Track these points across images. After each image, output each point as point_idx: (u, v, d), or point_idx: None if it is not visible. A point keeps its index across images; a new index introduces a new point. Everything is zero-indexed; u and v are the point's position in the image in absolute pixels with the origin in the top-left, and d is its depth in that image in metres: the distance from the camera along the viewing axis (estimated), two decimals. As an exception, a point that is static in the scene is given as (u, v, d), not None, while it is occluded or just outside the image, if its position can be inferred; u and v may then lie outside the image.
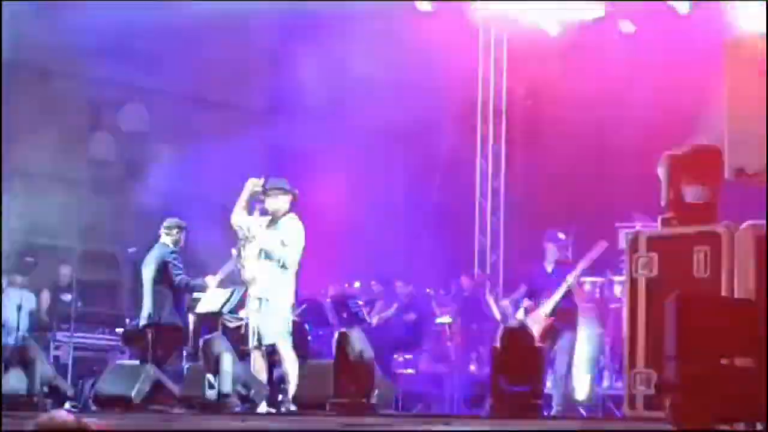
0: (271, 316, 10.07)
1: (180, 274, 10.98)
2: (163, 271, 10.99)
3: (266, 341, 10.11)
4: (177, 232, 11.16)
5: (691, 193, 7.57)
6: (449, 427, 8.07)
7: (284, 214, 10.28)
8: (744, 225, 7.23)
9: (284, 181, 10.37)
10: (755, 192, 7.28)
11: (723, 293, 7.14)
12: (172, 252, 11.06)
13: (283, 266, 10.11)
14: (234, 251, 10.37)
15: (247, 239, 10.17)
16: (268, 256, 10.11)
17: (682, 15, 12.75)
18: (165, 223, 11.22)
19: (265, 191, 10.27)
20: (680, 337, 6.60)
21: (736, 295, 7.07)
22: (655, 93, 12.86)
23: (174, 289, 11.03)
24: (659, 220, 7.86)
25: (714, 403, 6.30)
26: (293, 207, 10.34)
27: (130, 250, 12.29)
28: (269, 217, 10.23)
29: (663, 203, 7.74)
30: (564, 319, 10.88)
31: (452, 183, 14.55)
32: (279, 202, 10.26)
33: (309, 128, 13.63)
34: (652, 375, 7.56)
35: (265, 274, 10.12)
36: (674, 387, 6.60)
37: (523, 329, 8.87)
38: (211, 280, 10.99)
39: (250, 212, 10.31)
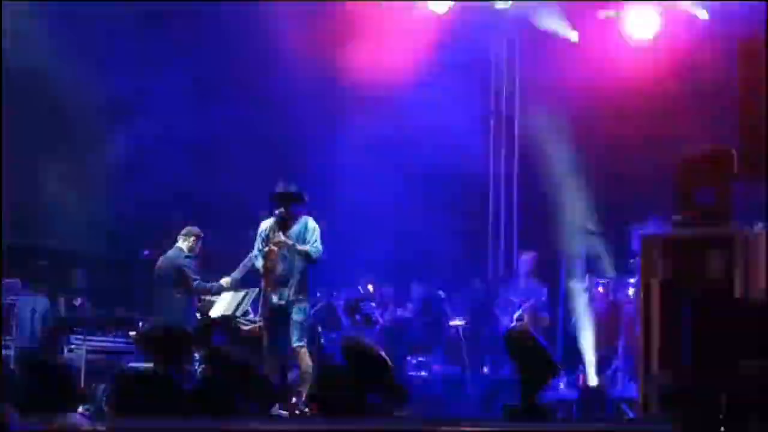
0: (292, 320, 10.12)
1: (196, 280, 11.04)
2: (177, 276, 11.03)
3: (284, 344, 10.14)
4: (193, 240, 11.22)
5: (704, 195, 7.55)
6: (461, 428, 8.06)
7: (297, 218, 10.34)
8: (758, 226, 7.21)
9: (295, 187, 10.43)
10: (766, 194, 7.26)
11: (737, 295, 7.12)
12: (187, 257, 11.10)
13: (308, 262, 10.19)
14: (252, 253, 10.46)
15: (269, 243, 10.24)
16: (291, 255, 10.14)
17: (699, 18, 12.74)
18: (183, 231, 11.32)
19: (276, 197, 10.32)
20: (694, 339, 6.59)
21: (750, 297, 7.05)
22: (669, 95, 12.83)
23: (188, 295, 11.05)
24: (672, 221, 7.84)
25: (728, 405, 6.28)
26: (304, 210, 10.43)
27: (144, 253, 12.30)
28: (279, 220, 10.31)
29: (676, 204, 7.73)
30: None
31: (466, 185, 14.55)
32: (292, 207, 10.33)
33: (323, 131, 13.66)
34: (667, 377, 7.54)
35: (286, 276, 10.22)
36: (689, 389, 6.60)
37: (522, 329, 8.82)
38: (226, 282, 11.02)
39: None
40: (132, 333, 12.76)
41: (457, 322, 13.29)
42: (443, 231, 13.85)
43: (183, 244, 11.26)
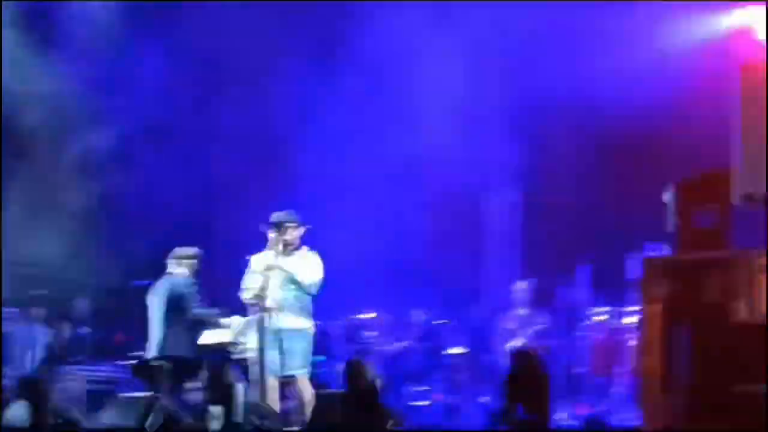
0: (295, 347, 10.10)
1: (196, 306, 10.83)
2: (178, 305, 10.83)
3: (287, 371, 10.13)
4: (186, 262, 11.02)
5: (704, 218, 7.53)
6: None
7: (299, 247, 10.31)
8: (755, 250, 7.18)
9: (295, 214, 10.41)
10: (765, 217, 7.23)
11: (737, 318, 7.08)
12: (191, 283, 10.86)
13: (308, 292, 10.19)
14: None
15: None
16: (293, 282, 10.11)
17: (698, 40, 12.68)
18: (175, 253, 11.08)
19: (276, 226, 10.28)
20: (693, 363, 6.55)
21: (750, 321, 7.01)
22: (667, 119, 12.81)
23: (189, 321, 10.89)
24: (670, 247, 7.82)
25: (729, 429, 6.24)
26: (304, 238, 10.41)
27: (141, 282, 12.23)
28: (283, 247, 10.25)
29: (671, 229, 7.70)
30: None
31: (463, 213, 14.51)
32: (293, 235, 10.31)
33: (319, 154, 13.65)
34: (667, 402, 7.49)
35: (289, 303, 10.16)
36: (689, 414, 6.55)
37: (531, 353, 8.78)
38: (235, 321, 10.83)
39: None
40: (130, 362, 12.70)
41: (456, 350, 13.23)
42: (441, 259, 13.83)
43: (179, 269, 11.04)
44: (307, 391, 10.12)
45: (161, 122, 13.21)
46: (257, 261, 10.34)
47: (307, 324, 10.25)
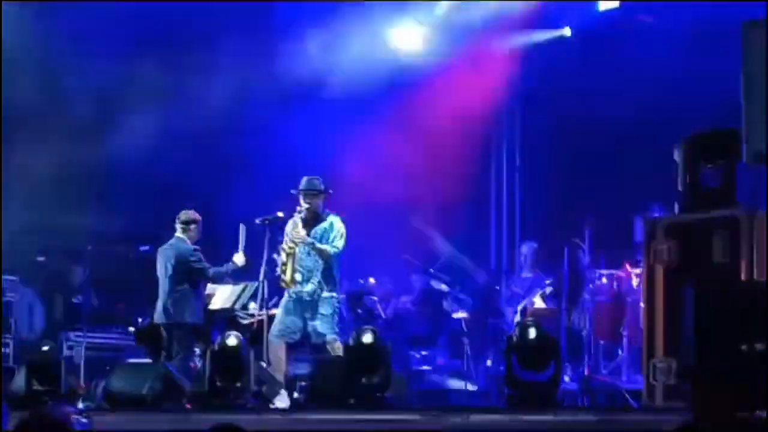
0: (322, 315, 10.21)
1: (208, 268, 10.78)
2: (184, 269, 10.75)
3: (317, 339, 10.30)
4: (194, 227, 10.95)
5: (709, 177, 7.44)
6: (467, 420, 7.98)
7: (322, 212, 10.43)
8: (763, 209, 7.10)
9: (318, 181, 10.47)
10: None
11: (743, 278, 7.01)
12: (194, 250, 10.81)
13: (326, 256, 10.27)
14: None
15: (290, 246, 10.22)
16: (316, 250, 10.22)
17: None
18: (181, 217, 11.00)
19: (300, 193, 10.33)
20: (699, 324, 6.47)
21: (756, 280, 6.94)
22: (670, 81, 12.70)
23: (196, 287, 10.83)
24: (676, 205, 7.73)
25: (735, 391, 6.17)
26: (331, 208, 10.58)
27: (143, 248, 12.17)
28: (303, 216, 10.32)
29: (680, 188, 7.61)
30: None
31: (469, 177, 14.45)
32: (316, 201, 10.42)
33: (326, 120, 13.57)
34: (671, 364, 7.43)
35: (313, 271, 10.28)
36: (694, 375, 6.48)
37: (537, 321, 8.75)
38: (239, 257, 10.76)
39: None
40: (131, 329, 12.66)
41: (459, 314, 13.18)
42: (445, 223, 13.76)
43: (184, 234, 10.94)
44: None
45: (156, 82, 13.09)
46: (290, 223, 10.36)
47: (329, 291, 10.32)
